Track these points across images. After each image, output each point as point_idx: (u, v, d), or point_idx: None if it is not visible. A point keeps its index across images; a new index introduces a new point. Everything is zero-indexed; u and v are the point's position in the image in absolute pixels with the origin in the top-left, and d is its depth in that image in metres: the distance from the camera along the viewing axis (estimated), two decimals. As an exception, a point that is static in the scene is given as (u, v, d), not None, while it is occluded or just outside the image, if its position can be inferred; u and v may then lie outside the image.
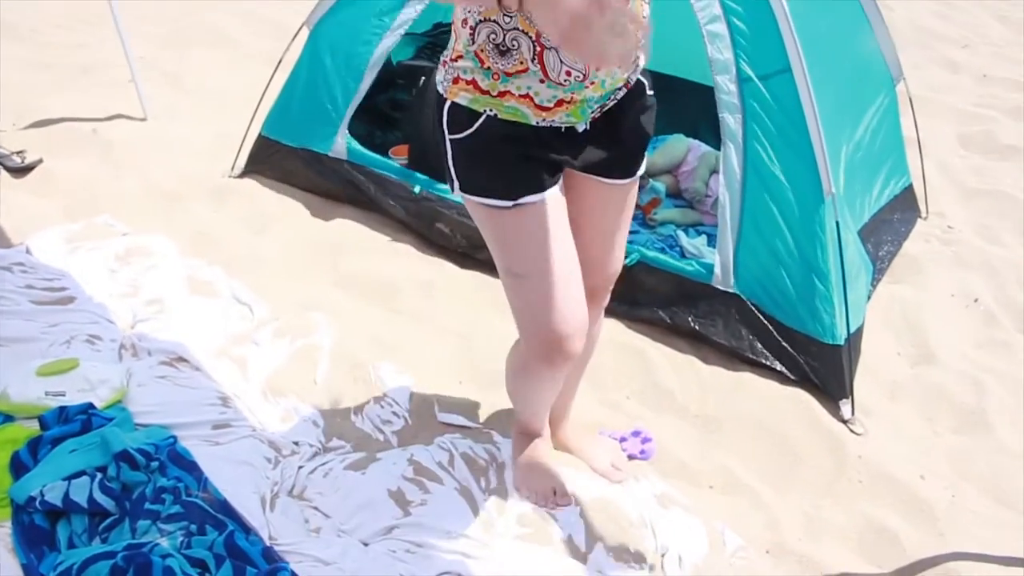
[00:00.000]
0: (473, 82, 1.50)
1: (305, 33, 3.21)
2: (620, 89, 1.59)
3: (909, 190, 3.46)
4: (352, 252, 3.01)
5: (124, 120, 3.79)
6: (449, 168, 1.61)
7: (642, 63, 1.60)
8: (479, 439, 2.22)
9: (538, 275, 1.62)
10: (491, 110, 1.51)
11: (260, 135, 3.31)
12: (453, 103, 1.54)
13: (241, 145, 3.37)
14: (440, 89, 1.57)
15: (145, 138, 3.66)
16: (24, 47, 4.51)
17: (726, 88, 2.53)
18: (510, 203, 1.57)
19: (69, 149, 3.53)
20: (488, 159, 1.57)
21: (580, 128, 1.58)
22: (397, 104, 3.51)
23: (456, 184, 1.62)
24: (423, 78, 3.19)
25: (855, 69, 3.07)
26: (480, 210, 1.63)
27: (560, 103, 1.50)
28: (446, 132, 1.57)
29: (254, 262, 2.92)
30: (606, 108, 1.59)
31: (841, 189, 2.62)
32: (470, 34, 1.47)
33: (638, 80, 1.64)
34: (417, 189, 2.99)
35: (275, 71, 3.31)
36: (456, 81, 1.53)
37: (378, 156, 3.12)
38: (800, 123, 2.44)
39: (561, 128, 1.56)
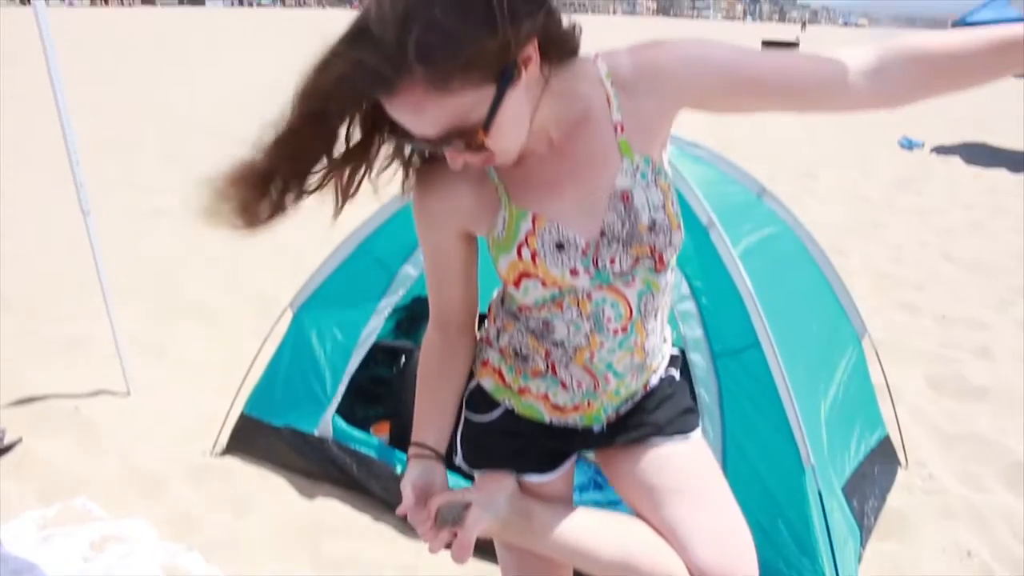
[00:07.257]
0: (499, 372, 1.54)
1: (289, 313, 3.31)
2: (638, 393, 1.56)
3: (886, 441, 3.49)
4: (334, 534, 2.95)
5: (107, 396, 3.83)
6: (457, 438, 1.63)
7: (662, 365, 1.59)
8: None
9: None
10: (509, 402, 1.55)
11: (243, 413, 3.34)
12: (479, 383, 1.58)
13: (223, 423, 3.38)
14: (473, 365, 1.59)
15: (127, 415, 3.68)
16: (13, 316, 4.64)
17: (699, 364, 2.61)
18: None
19: (50, 427, 3.55)
20: (496, 449, 1.58)
21: (596, 429, 1.57)
22: (378, 379, 3.57)
23: (459, 455, 1.63)
24: (404, 356, 3.25)
25: (822, 330, 3.18)
26: None
27: (576, 407, 1.52)
28: (464, 406, 1.60)
29: (234, 545, 2.86)
30: (624, 411, 1.57)
31: (825, 450, 2.64)
32: (496, 333, 1.53)
33: (663, 376, 1.60)
34: (399, 469, 2.99)
35: (260, 348, 3.38)
36: (485, 364, 1.56)
37: (362, 433, 3.14)
38: (773, 396, 2.49)
39: (577, 428, 1.57)
